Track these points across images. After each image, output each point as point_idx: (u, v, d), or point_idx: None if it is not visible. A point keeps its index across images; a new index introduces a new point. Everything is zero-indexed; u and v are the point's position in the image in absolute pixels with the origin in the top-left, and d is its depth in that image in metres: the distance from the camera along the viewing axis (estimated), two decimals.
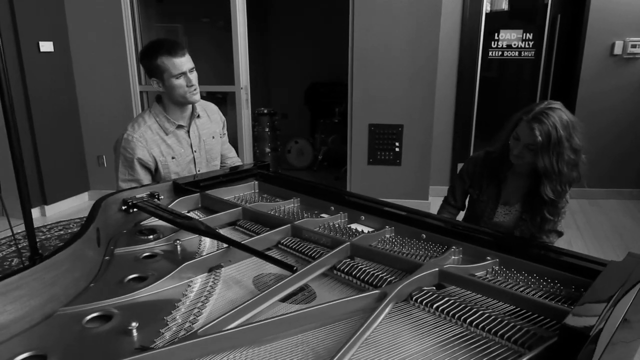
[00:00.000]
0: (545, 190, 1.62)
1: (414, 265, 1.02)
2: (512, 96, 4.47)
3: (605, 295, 0.79)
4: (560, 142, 1.56)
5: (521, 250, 1.07)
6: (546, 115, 1.57)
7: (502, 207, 1.82)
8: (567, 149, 1.58)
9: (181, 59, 1.76)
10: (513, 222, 1.80)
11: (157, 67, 1.76)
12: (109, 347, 0.81)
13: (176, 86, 1.77)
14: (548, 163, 1.58)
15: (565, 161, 1.59)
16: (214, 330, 0.79)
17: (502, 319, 0.84)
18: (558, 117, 1.57)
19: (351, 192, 1.47)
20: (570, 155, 1.59)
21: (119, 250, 1.20)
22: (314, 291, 1.02)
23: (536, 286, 0.99)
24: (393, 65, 3.74)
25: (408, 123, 3.86)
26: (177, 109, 1.86)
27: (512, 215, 1.80)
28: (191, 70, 1.80)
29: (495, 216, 1.82)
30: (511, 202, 1.81)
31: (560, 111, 1.59)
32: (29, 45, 3.58)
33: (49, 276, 0.93)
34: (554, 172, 1.59)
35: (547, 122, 1.56)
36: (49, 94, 3.82)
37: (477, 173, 1.86)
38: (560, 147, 1.57)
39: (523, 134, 1.61)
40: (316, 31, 6.25)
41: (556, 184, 1.61)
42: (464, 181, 1.91)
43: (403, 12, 3.63)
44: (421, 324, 0.87)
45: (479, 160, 1.86)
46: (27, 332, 0.85)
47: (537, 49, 4.25)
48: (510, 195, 1.80)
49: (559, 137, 1.56)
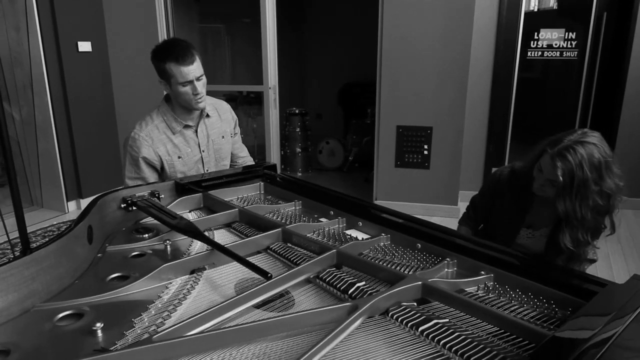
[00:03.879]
0: (564, 239, 1.43)
1: (397, 276, 0.96)
2: (553, 98, 4.25)
3: (593, 322, 0.71)
4: (586, 184, 1.35)
5: (517, 266, 1.00)
6: (573, 152, 1.36)
7: (524, 230, 1.67)
8: (593, 192, 1.37)
9: (189, 67, 1.72)
10: (539, 245, 1.64)
11: (165, 71, 1.75)
12: (70, 347, 0.81)
13: (182, 93, 1.76)
14: (570, 207, 1.38)
15: (590, 207, 1.38)
16: (172, 336, 0.77)
17: (479, 343, 0.77)
18: (587, 155, 1.35)
19: (353, 196, 1.41)
20: (597, 200, 1.38)
21: (111, 248, 1.21)
22: (293, 299, 0.99)
23: (530, 306, 0.91)
24: (422, 65, 3.64)
25: (437, 125, 3.75)
26: (185, 109, 1.86)
27: (537, 239, 1.66)
28: (199, 78, 1.77)
29: (518, 239, 1.68)
30: (536, 225, 1.65)
31: (592, 147, 1.36)
32: (68, 45, 3.73)
33: (29, 272, 0.95)
34: (576, 219, 1.40)
35: (573, 159, 1.35)
36: (86, 92, 3.97)
37: (498, 191, 1.71)
38: (585, 190, 1.36)
39: (546, 168, 1.43)
40: (352, 31, 6.20)
41: (577, 231, 1.42)
42: (485, 197, 1.79)
43: (433, 10, 3.53)
44: (395, 341, 0.81)
45: (503, 178, 1.70)
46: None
47: (580, 48, 4.02)
48: (534, 219, 1.64)
49: (584, 179, 1.35)
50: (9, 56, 3.79)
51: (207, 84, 1.84)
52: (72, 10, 3.74)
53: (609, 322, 0.71)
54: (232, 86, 5.78)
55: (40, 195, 4.10)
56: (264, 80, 3.93)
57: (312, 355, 0.72)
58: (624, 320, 0.70)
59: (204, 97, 1.81)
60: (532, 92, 4.17)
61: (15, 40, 3.70)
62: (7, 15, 3.66)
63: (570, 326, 0.71)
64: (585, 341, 0.66)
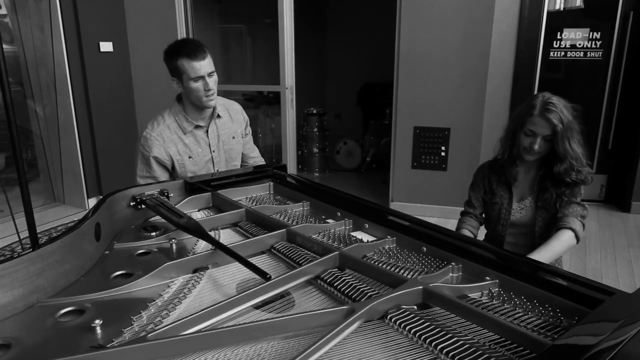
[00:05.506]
0: (559, 169, 1.70)
1: (398, 280, 0.95)
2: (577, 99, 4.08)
3: (595, 331, 0.69)
4: (571, 124, 1.67)
5: (523, 272, 0.97)
6: (552, 105, 1.66)
7: (516, 204, 1.84)
8: (575, 130, 1.68)
9: (200, 63, 1.76)
10: (530, 215, 1.82)
11: (177, 68, 1.79)
12: (69, 342, 0.82)
13: (193, 89, 1.79)
14: (567, 146, 1.66)
15: (578, 142, 1.69)
16: (168, 335, 0.78)
17: (477, 349, 0.75)
18: (562, 103, 1.68)
19: (360, 198, 1.40)
20: (578, 136, 1.69)
21: (118, 245, 1.23)
22: (293, 300, 0.98)
23: (535, 314, 0.89)
24: (441, 65, 3.59)
25: (455, 126, 3.69)
26: (196, 109, 1.88)
27: (528, 208, 1.83)
28: (210, 75, 1.80)
29: (512, 214, 1.84)
30: (524, 196, 1.84)
31: (557, 98, 1.70)
32: (90, 46, 3.81)
33: (35, 268, 0.96)
34: (569, 154, 1.67)
35: (557, 109, 1.65)
36: (107, 91, 4.06)
37: (486, 179, 1.90)
38: (572, 129, 1.67)
39: (538, 128, 1.67)
40: (373, 31, 6.17)
41: (574, 166, 1.69)
42: (477, 189, 1.92)
43: (452, 9, 3.48)
44: (393, 346, 0.80)
45: (485, 168, 1.91)
46: (2, 321, 0.88)
47: (605, 49, 3.91)
48: (521, 191, 1.85)
49: (569, 120, 1.66)
50: (34, 56, 3.90)
51: (225, 84, 1.87)
52: (94, 11, 3.83)
53: (612, 333, 0.68)
54: (249, 86, 5.82)
55: (62, 192, 4.20)
56: (280, 80, 3.94)
57: (304, 359, 0.72)
58: (628, 331, 0.67)
59: (215, 94, 1.84)
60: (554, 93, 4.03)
61: (40, 40, 3.80)
62: (32, 15, 3.77)
63: (571, 335, 0.68)
64: (585, 351, 0.64)
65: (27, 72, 4.00)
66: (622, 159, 4.05)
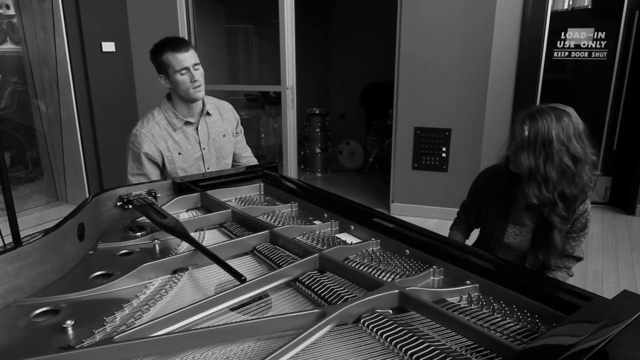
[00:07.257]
0: (528, 192, 1.45)
1: (375, 283, 0.94)
2: (581, 100, 4.08)
3: (567, 338, 0.67)
4: (551, 143, 1.40)
5: (503, 277, 0.95)
6: (542, 113, 1.42)
7: (512, 227, 1.66)
8: (559, 152, 1.40)
9: (184, 54, 1.79)
10: (525, 244, 1.64)
11: (162, 63, 1.82)
12: (39, 343, 0.82)
13: (180, 82, 1.81)
14: (533, 162, 1.42)
15: (555, 165, 1.41)
16: (137, 336, 0.77)
17: (447, 355, 0.74)
18: (556, 117, 1.41)
19: (347, 199, 1.39)
20: (564, 161, 1.41)
21: (102, 245, 1.23)
22: (271, 302, 0.98)
23: (514, 319, 0.87)
24: (441, 65, 3.57)
25: (456, 127, 3.66)
26: (185, 105, 1.89)
27: (524, 237, 1.64)
28: (195, 67, 1.83)
29: (505, 237, 1.66)
30: (522, 222, 1.64)
31: (563, 113, 1.42)
32: (92, 46, 3.83)
33: (12, 267, 0.97)
34: (539, 174, 1.43)
35: (541, 119, 1.41)
36: (109, 91, 4.07)
37: (484, 187, 1.72)
38: (550, 148, 1.40)
39: (517, 132, 1.47)
40: (376, 30, 6.15)
41: (542, 187, 1.44)
42: (473, 197, 1.78)
43: (454, 10, 3.45)
44: (364, 350, 0.79)
45: (487, 174, 1.72)
46: None
47: (610, 49, 3.86)
48: (521, 215, 1.63)
49: (549, 138, 1.40)
50: (37, 56, 3.93)
51: (227, 84, 1.88)
52: (97, 11, 3.85)
53: (584, 338, 0.66)
54: (249, 86, 5.82)
55: (65, 191, 4.23)
56: (281, 80, 3.93)
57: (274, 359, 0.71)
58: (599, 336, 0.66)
59: (202, 85, 1.85)
60: (558, 93, 4.02)
61: (43, 40, 3.83)
62: (36, 15, 3.80)
63: (540, 342, 0.67)
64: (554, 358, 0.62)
65: (30, 71, 4.03)
66: (628, 160, 3.99)
